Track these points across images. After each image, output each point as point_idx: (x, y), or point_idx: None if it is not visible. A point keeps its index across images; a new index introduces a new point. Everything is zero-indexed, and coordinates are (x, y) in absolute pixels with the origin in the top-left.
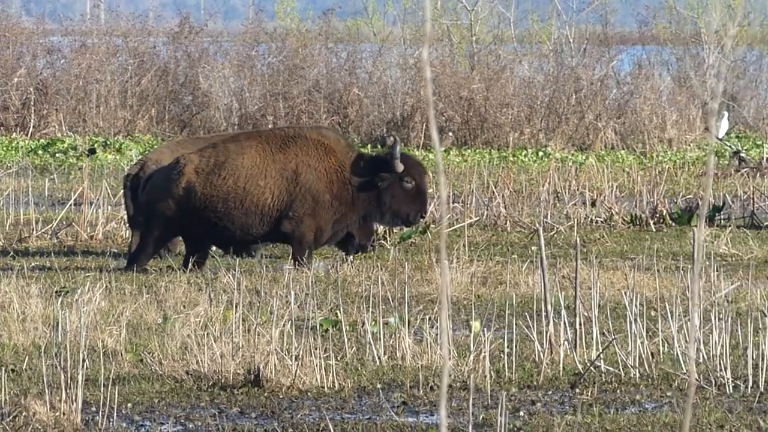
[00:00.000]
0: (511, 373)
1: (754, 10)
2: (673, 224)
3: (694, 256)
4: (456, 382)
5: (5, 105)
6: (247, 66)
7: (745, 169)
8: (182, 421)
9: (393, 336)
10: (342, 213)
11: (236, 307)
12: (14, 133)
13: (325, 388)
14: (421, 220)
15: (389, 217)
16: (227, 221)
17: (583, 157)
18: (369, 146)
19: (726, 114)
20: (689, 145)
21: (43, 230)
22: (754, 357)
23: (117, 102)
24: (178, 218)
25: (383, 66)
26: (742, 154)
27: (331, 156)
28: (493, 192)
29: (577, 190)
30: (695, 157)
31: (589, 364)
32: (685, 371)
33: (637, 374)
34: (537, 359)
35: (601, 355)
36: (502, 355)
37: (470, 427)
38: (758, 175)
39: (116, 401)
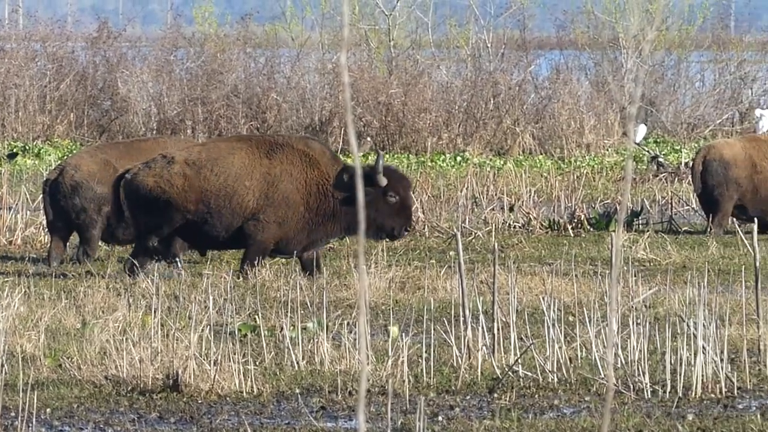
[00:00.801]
0: (430, 378)
1: (672, 14)
2: (591, 229)
3: (612, 261)
4: (374, 387)
5: None
6: (165, 71)
7: (663, 174)
8: (101, 426)
9: (311, 341)
10: (319, 224)
11: (155, 312)
12: None
13: (244, 393)
14: (406, 233)
15: (374, 231)
16: (216, 219)
17: (501, 162)
18: None
19: (643, 126)
20: (607, 150)
21: None
22: (672, 362)
23: (36, 107)
24: (171, 211)
25: (301, 71)
26: (660, 159)
27: (315, 168)
28: (412, 197)
29: (495, 195)
30: (613, 162)
31: (507, 369)
32: (603, 376)
33: (555, 379)
34: (455, 364)
35: (519, 360)
36: (420, 360)
37: (389, 431)
38: (676, 180)
39: (35, 406)
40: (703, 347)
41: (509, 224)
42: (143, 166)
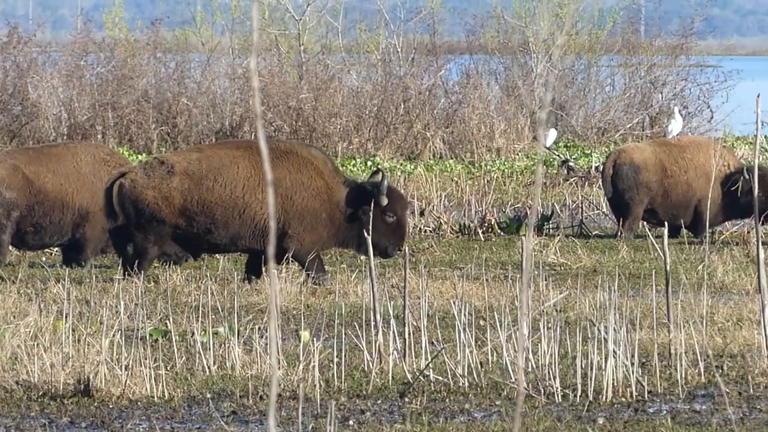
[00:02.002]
0: (341, 382)
1: (582, 19)
2: (502, 233)
3: (523, 266)
4: (285, 392)
5: None
6: (76, 76)
7: (574, 178)
8: (12, 431)
9: (223, 346)
10: (331, 234)
11: (66, 317)
12: None
13: (155, 398)
14: (398, 252)
15: (366, 247)
16: (222, 230)
17: (412, 167)
18: None
19: (554, 130)
20: (518, 155)
21: None
22: (583, 366)
23: None
24: (170, 219)
25: (212, 76)
26: (571, 163)
27: (321, 177)
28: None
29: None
30: (523, 166)
31: (418, 374)
32: (514, 380)
33: (466, 383)
34: (366, 368)
35: (430, 365)
36: (331, 364)
37: None
38: (587, 184)
39: None
40: (614, 351)
41: (420, 228)
42: (142, 174)
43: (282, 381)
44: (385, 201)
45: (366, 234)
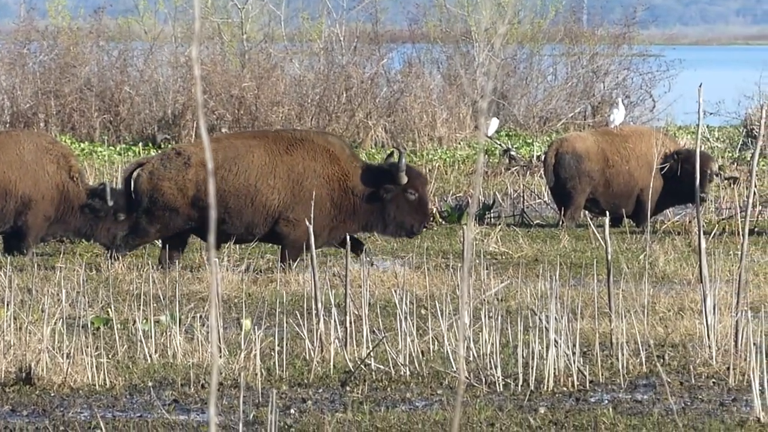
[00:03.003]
0: (282, 371)
1: (524, 8)
2: (443, 222)
3: (464, 255)
4: (227, 380)
5: None
6: (18, 64)
7: (515, 168)
8: None
9: (164, 334)
10: (341, 221)
11: (7, 305)
12: None
13: (97, 386)
14: (424, 229)
15: (393, 228)
16: (236, 218)
17: None
18: (140, 144)
19: (496, 119)
20: (459, 144)
21: None
22: (524, 355)
23: None
24: (183, 210)
25: (154, 64)
26: (512, 153)
27: (336, 164)
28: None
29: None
30: (465, 155)
31: (359, 362)
32: (455, 369)
33: (408, 372)
34: (308, 357)
35: (372, 353)
36: (272, 353)
37: (241, 425)
38: (528, 173)
39: None
40: (555, 341)
41: None
42: (159, 165)
43: (223, 369)
44: (404, 179)
45: (391, 215)
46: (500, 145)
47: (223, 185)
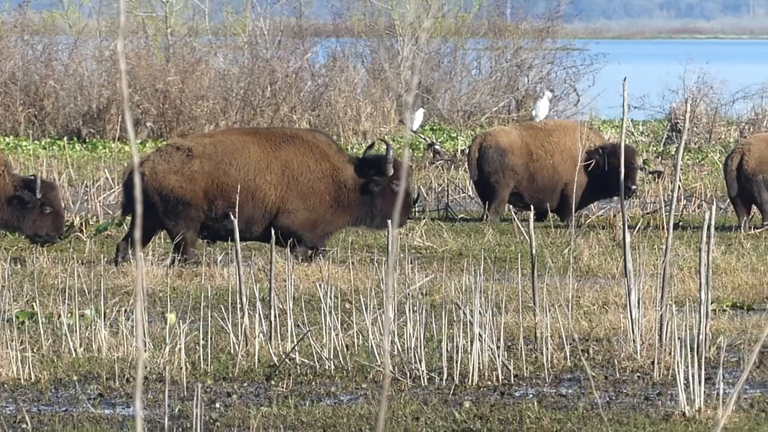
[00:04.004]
0: (207, 365)
1: (449, 2)
2: None
3: (389, 249)
4: (152, 374)
5: None
6: None
7: (440, 162)
8: None
9: (89, 328)
10: (337, 215)
11: None
12: None
13: (22, 380)
14: (408, 222)
15: (379, 220)
16: (238, 213)
17: None
18: (65, 138)
19: (422, 110)
20: (384, 138)
21: None
22: (449, 349)
23: None
24: (196, 201)
25: (79, 58)
26: (437, 147)
27: (326, 159)
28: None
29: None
30: None
31: (284, 356)
32: (379, 363)
33: (332, 366)
34: (232, 351)
35: (296, 347)
36: (197, 347)
37: (166, 419)
38: (453, 167)
39: None
40: (480, 335)
41: None
42: (160, 161)
43: (148, 363)
44: (391, 171)
45: (378, 207)
46: (425, 139)
47: (226, 179)
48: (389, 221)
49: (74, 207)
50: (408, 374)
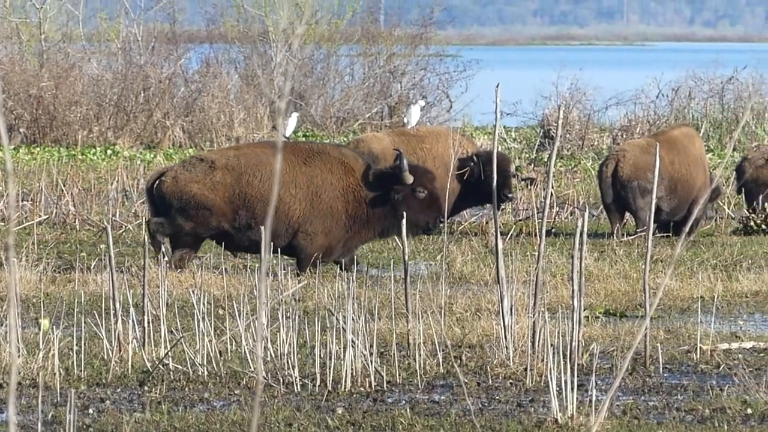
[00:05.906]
0: (81, 370)
1: (322, 8)
2: None
3: (262, 255)
4: (25, 380)
5: None
6: None
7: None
8: None
9: None
10: (356, 231)
11: None
12: None
13: None
14: (440, 224)
15: (408, 227)
16: (262, 225)
17: (152, 156)
18: None
19: (296, 114)
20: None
21: None
22: (322, 355)
23: None
24: (217, 208)
25: None
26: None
27: (350, 175)
28: (62, 190)
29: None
30: None
31: (157, 362)
32: (253, 369)
33: (206, 372)
34: (106, 357)
35: (170, 353)
36: (71, 352)
37: (39, 425)
38: None
39: None
40: (353, 341)
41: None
42: (182, 170)
43: (21, 369)
44: (410, 178)
45: (402, 215)
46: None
47: (250, 190)
48: (419, 226)
49: None
50: (281, 380)
